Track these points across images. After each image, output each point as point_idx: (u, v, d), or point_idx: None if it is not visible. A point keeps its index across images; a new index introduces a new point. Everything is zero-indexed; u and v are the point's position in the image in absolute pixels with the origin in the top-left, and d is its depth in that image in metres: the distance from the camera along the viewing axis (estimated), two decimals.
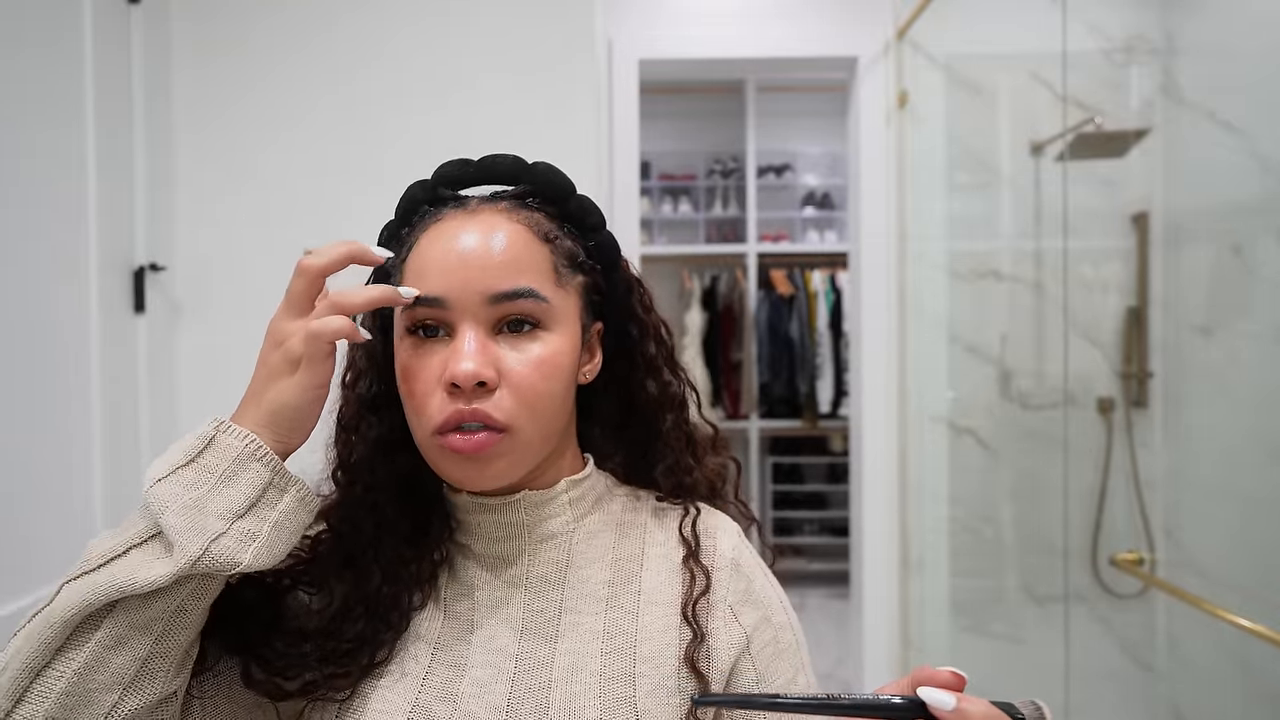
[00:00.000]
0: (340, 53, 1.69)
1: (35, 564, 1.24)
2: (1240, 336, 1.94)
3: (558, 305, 0.61)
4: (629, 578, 0.64)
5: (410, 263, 0.60)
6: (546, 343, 0.60)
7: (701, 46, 2.25)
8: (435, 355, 0.58)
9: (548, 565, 0.64)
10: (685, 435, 0.71)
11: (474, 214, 0.61)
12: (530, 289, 0.59)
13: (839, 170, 4.35)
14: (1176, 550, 2.10)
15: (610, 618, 0.62)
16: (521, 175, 0.64)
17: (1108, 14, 2.17)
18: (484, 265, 0.58)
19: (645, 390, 0.70)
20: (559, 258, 0.62)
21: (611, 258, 0.67)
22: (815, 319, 4.09)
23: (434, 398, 0.58)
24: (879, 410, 2.26)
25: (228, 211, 1.67)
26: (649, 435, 0.70)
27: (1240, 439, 1.93)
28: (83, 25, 1.36)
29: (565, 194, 0.64)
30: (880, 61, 2.24)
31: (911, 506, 2.23)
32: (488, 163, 0.64)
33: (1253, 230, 1.90)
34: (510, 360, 0.58)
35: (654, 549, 0.66)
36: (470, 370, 0.56)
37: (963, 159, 2.33)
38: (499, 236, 0.59)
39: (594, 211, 0.66)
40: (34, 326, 1.25)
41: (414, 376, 0.59)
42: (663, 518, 0.69)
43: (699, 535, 0.66)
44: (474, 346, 0.57)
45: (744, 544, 0.68)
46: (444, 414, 0.57)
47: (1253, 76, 1.89)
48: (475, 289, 0.58)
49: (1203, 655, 2.04)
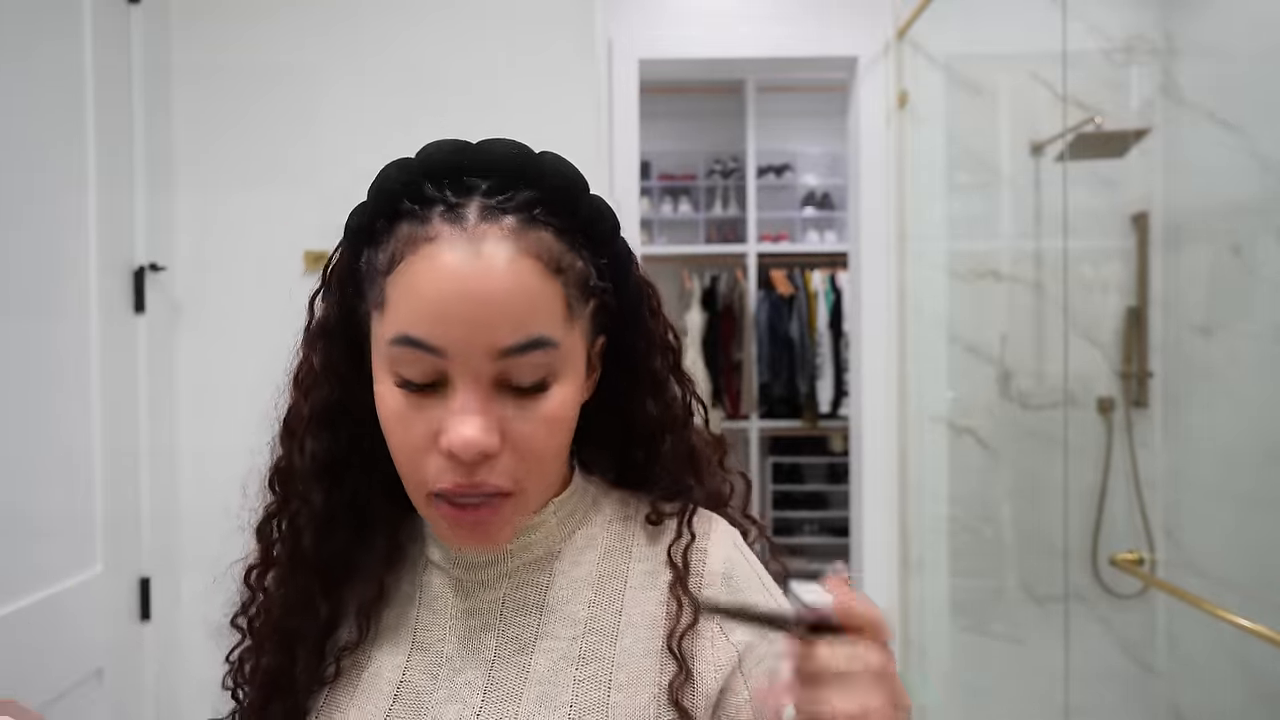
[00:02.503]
0: (340, 53, 1.69)
1: (35, 564, 1.24)
2: (1240, 336, 1.94)
3: (568, 346, 0.53)
4: (611, 597, 0.60)
5: (397, 288, 0.51)
6: (555, 395, 0.53)
7: (701, 46, 2.24)
8: (429, 410, 0.51)
9: (529, 589, 0.60)
10: (687, 452, 0.65)
11: (474, 239, 0.50)
12: (541, 338, 0.51)
13: (839, 170, 4.35)
14: (1176, 550, 2.10)
15: (588, 642, 0.58)
16: (527, 170, 0.53)
17: (1108, 14, 2.17)
18: (490, 315, 0.50)
19: (645, 410, 0.63)
20: (571, 290, 0.53)
21: (624, 270, 0.59)
22: (815, 319, 4.09)
23: (428, 459, 0.52)
24: (879, 410, 2.26)
25: (228, 211, 1.67)
26: (647, 458, 0.64)
27: (1240, 439, 1.93)
28: (83, 26, 1.36)
29: (577, 197, 0.55)
30: (880, 61, 2.24)
31: (911, 506, 2.23)
32: (486, 150, 0.54)
33: (1253, 230, 1.90)
34: (516, 421, 0.52)
35: (639, 564, 0.61)
36: (474, 442, 0.50)
37: (963, 159, 2.33)
38: (508, 278, 0.50)
39: (607, 216, 0.57)
40: (34, 326, 1.25)
41: (403, 430, 0.52)
42: (653, 532, 0.63)
43: (689, 558, 0.60)
44: (476, 410, 0.50)
45: (740, 552, 0.62)
46: (441, 482, 0.52)
47: (1253, 76, 1.89)
48: (480, 341, 0.50)
49: (1203, 655, 2.03)
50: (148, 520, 1.53)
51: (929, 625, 2.23)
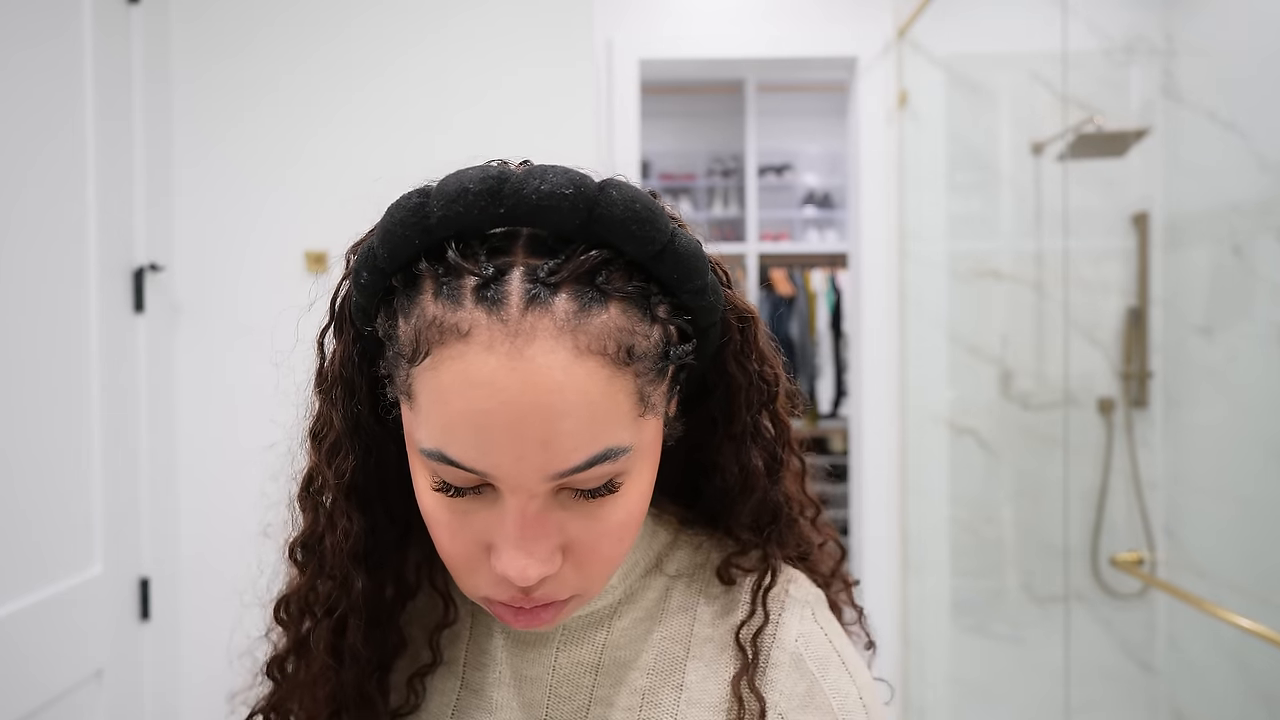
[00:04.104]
0: (340, 53, 1.69)
1: (35, 564, 1.24)
2: (1240, 336, 1.94)
3: (642, 440, 0.44)
4: (671, 666, 0.52)
5: (425, 388, 0.41)
6: (626, 496, 0.44)
7: (701, 46, 2.24)
8: (476, 515, 0.43)
9: (586, 647, 0.53)
10: (773, 508, 0.54)
11: (519, 337, 0.39)
12: (608, 451, 0.41)
13: (839, 170, 4.35)
14: (1176, 550, 2.10)
15: (645, 716, 0.51)
16: (587, 218, 0.40)
17: (1108, 14, 2.17)
18: (543, 438, 0.39)
19: (722, 463, 0.52)
20: (646, 374, 0.42)
21: (712, 319, 0.47)
22: (815, 319, 4.09)
23: (478, 569, 0.45)
24: (879, 410, 2.26)
25: (228, 211, 1.67)
26: (717, 513, 0.55)
27: (1240, 439, 1.93)
28: (82, 25, 1.36)
29: (659, 248, 0.41)
30: (880, 61, 2.24)
31: (912, 507, 2.23)
32: (528, 188, 0.40)
33: (1253, 230, 1.89)
34: (579, 530, 0.44)
35: (704, 628, 0.53)
36: (531, 575, 0.42)
37: (963, 159, 2.33)
38: (566, 393, 0.39)
39: (694, 265, 0.43)
40: (34, 326, 1.25)
41: (448, 536, 0.45)
42: (722, 593, 0.54)
43: (759, 644, 0.51)
44: (532, 535, 0.42)
45: (818, 625, 0.52)
46: (496, 595, 0.45)
47: (1253, 76, 1.89)
48: (531, 468, 0.40)
49: (1203, 655, 2.03)
50: (148, 520, 1.53)
51: (929, 625, 2.23)
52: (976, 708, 2.17)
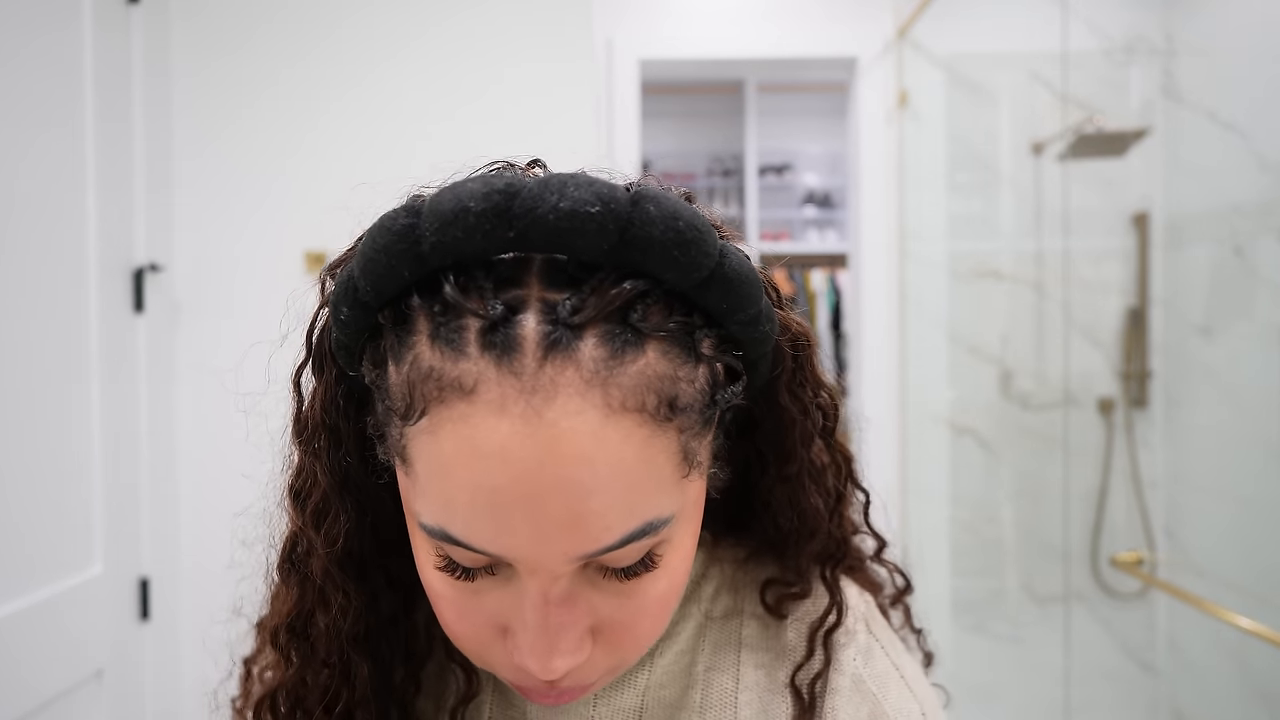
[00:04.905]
0: (340, 52, 1.69)
1: (35, 564, 1.24)
2: (1240, 337, 1.94)
3: (685, 505, 0.37)
4: (723, 701, 0.46)
5: (423, 455, 0.34)
6: (666, 568, 0.37)
7: (701, 46, 2.24)
8: (489, 595, 0.37)
9: (627, 692, 0.46)
10: (828, 550, 0.49)
11: (536, 394, 0.31)
12: (648, 525, 0.34)
13: (839, 170, 4.35)
14: (1176, 550, 2.10)
15: None
16: (615, 247, 0.32)
17: (1108, 14, 2.17)
18: (569, 518, 0.32)
19: (775, 505, 0.46)
20: (689, 430, 0.35)
21: (764, 349, 0.39)
22: (815, 319, 4.09)
23: (494, 650, 0.38)
24: (879, 410, 2.26)
25: (228, 211, 1.67)
26: (765, 548, 0.50)
27: (1240, 439, 1.93)
28: (82, 25, 1.36)
29: (706, 273, 0.34)
30: (880, 61, 2.24)
31: (912, 506, 2.23)
32: (544, 205, 0.31)
33: (1253, 230, 1.89)
34: (612, 609, 0.37)
35: (752, 655, 0.48)
36: (552, 665, 0.36)
37: (963, 159, 2.33)
38: (597, 464, 0.32)
39: (746, 292, 0.36)
40: (34, 326, 1.25)
41: (456, 617, 0.38)
42: (775, 627, 0.49)
43: (816, 689, 0.45)
44: (557, 624, 0.35)
45: (875, 638, 0.48)
46: (511, 677, 0.39)
47: (1253, 76, 1.89)
48: (554, 551, 0.33)
49: (1203, 655, 2.03)
50: (148, 520, 1.53)
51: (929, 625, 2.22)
52: (976, 708, 2.17)
